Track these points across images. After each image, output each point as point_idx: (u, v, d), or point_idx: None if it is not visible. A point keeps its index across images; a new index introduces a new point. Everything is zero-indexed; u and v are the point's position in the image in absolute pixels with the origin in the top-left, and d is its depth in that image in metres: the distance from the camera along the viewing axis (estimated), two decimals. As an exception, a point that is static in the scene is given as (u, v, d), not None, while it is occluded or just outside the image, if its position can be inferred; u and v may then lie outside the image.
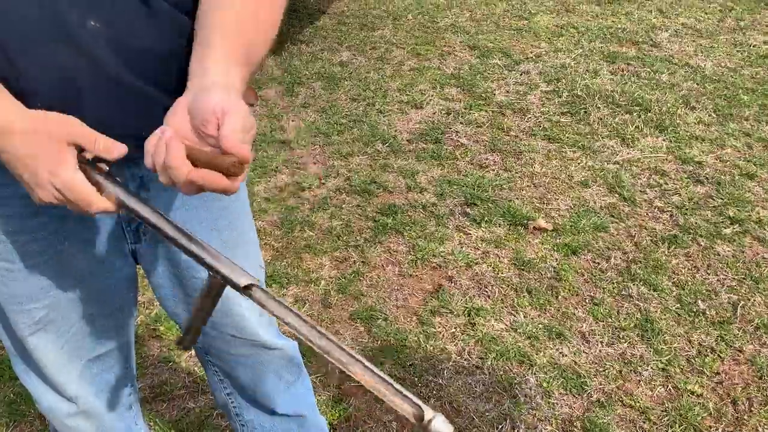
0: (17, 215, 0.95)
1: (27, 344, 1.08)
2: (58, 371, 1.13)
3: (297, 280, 2.30)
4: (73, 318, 1.08)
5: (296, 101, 3.47)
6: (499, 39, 4.01)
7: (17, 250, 0.98)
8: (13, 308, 1.04)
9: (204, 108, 0.74)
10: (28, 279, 1.01)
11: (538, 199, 2.65)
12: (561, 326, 2.09)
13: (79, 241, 1.01)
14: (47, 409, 1.19)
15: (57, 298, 1.04)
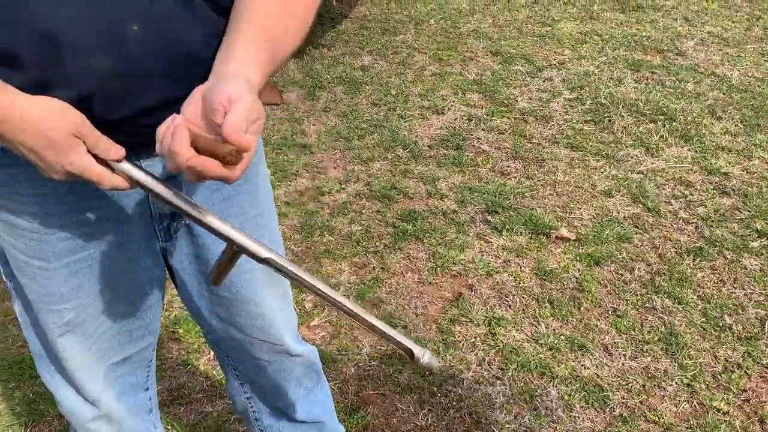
0: (54, 214, 0.95)
1: (55, 346, 1.08)
2: (84, 374, 1.12)
3: (316, 285, 2.28)
4: (101, 319, 1.08)
5: (317, 105, 3.46)
6: (522, 45, 3.98)
7: (52, 250, 0.98)
8: (45, 308, 1.04)
9: (215, 97, 0.75)
10: (62, 278, 1.01)
11: (561, 208, 2.61)
12: (583, 338, 2.05)
13: (113, 242, 1.01)
14: (69, 412, 1.19)
15: (87, 299, 1.04)
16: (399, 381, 1.94)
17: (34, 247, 0.98)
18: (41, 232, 0.96)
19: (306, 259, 2.40)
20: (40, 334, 1.11)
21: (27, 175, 0.92)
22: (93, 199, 0.96)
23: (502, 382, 1.93)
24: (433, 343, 2.05)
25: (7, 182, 0.93)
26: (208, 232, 0.85)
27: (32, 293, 1.03)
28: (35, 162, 0.81)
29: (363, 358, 2.02)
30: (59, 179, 0.82)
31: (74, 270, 1.01)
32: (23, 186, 0.93)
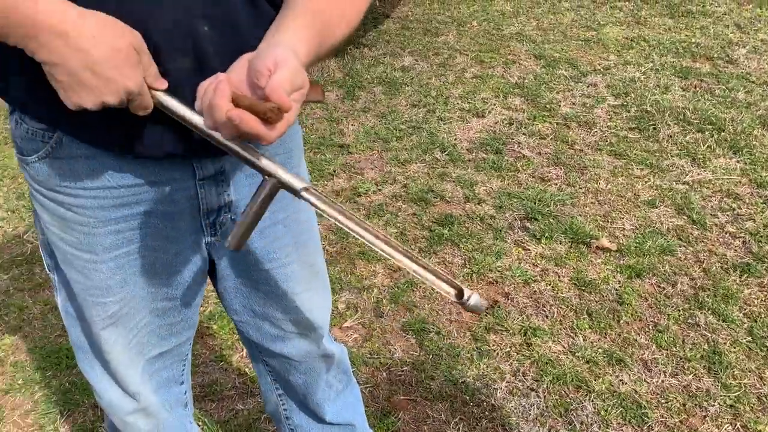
0: (104, 207, 0.96)
1: (98, 338, 1.09)
2: (124, 367, 1.13)
3: (350, 286, 2.27)
4: (143, 313, 1.08)
5: (356, 105, 3.45)
6: (566, 49, 3.91)
7: (102, 243, 0.99)
8: (90, 300, 1.04)
9: (261, 61, 0.76)
10: (109, 272, 1.01)
11: (602, 217, 2.55)
12: (622, 352, 2.00)
13: (161, 236, 1.01)
14: (108, 404, 1.19)
15: (131, 293, 1.05)
16: (431, 388, 1.91)
17: (83, 240, 0.99)
18: (91, 225, 0.97)
19: (340, 260, 2.39)
20: (83, 326, 1.12)
21: (80, 168, 0.93)
22: (145, 193, 0.97)
23: (537, 394, 1.89)
24: (466, 351, 2.02)
25: (60, 176, 0.94)
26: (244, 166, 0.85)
27: (78, 285, 1.04)
28: (85, 81, 0.76)
29: (395, 363, 2.00)
30: (110, 101, 0.78)
31: (121, 264, 1.01)
32: (77, 180, 0.94)
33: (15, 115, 0.95)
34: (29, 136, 0.93)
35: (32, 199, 1.02)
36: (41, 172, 0.95)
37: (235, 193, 1.04)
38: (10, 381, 1.97)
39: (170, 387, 1.24)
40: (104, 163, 0.93)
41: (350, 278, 2.30)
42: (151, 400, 1.19)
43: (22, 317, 2.19)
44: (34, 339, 2.10)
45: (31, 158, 0.95)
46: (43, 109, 0.90)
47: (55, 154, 0.93)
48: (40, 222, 1.04)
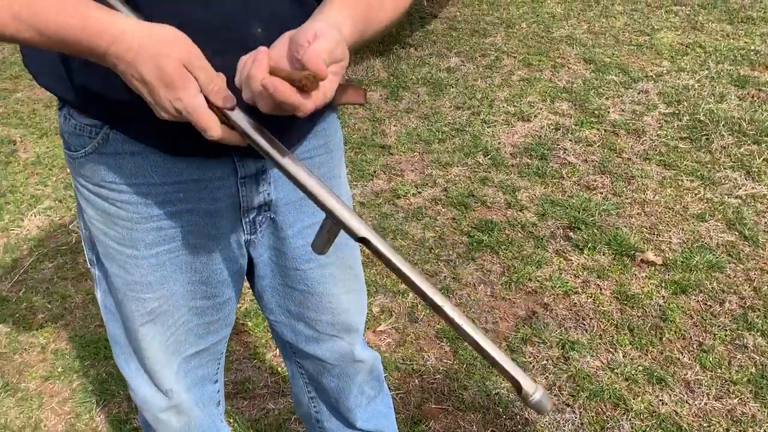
0: (148, 204, 0.97)
1: (136, 334, 1.09)
2: (160, 365, 1.13)
3: (385, 290, 2.25)
4: (182, 311, 1.09)
5: (399, 106, 3.43)
6: (618, 54, 3.81)
7: (144, 239, 0.99)
8: (131, 295, 1.05)
9: (301, 34, 0.75)
10: (150, 268, 1.02)
11: (648, 229, 2.47)
12: (663, 371, 1.93)
13: (202, 234, 1.02)
14: (142, 400, 1.20)
15: (171, 290, 1.05)
16: (463, 398, 1.88)
17: (125, 236, 1.00)
18: (134, 221, 0.98)
19: (377, 262, 2.37)
20: (121, 321, 1.13)
21: (126, 165, 0.94)
22: (188, 191, 0.97)
23: (572, 409, 1.84)
24: (501, 361, 1.97)
25: (106, 171, 0.95)
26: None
27: (119, 280, 1.05)
28: (147, 97, 0.78)
29: (428, 370, 1.97)
30: (168, 118, 0.79)
31: (162, 261, 1.02)
32: (122, 175, 0.95)
33: (64, 110, 0.96)
34: (77, 131, 0.94)
35: (77, 193, 1.03)
36: (87, 168, 0.96)
37: (275, 192, 1.04)
38: (50, 368, 2.02)
39: (204, 385, 1.24)
40: (149, 159, 0.94)
41: (386, 281, 2.28)
42: (184, 398, 1.20)
43: (64, 306, 2.24)
44: (75, 328, 2.14)
45: (78, 153, 0.96)
46: (92, 104, 0.91)
47: (101, 150, 0.94)
48: (83, 216, 1.05)
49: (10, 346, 2.08)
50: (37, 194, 2.80)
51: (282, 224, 1.07)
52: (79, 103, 0.92)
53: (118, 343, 1.16)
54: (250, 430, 1.83)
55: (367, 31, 0.87)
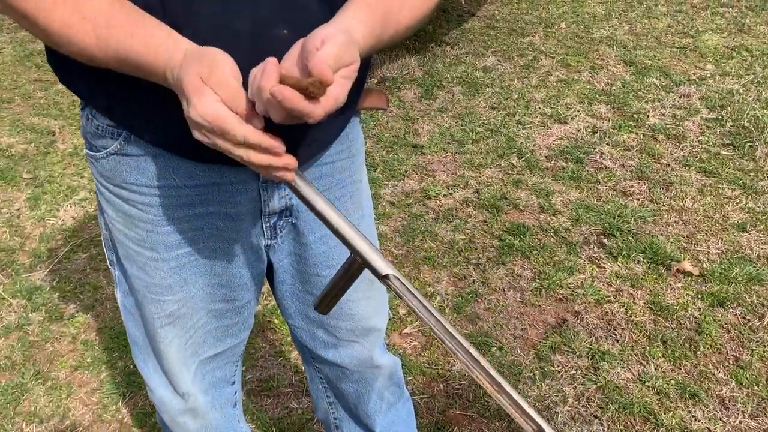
0: (168, 206, 0.96)
1: (154, 336, 1.09)
2: (177, 367, 1.13)
3: (413, 292, 2.23)
4: (201, 314, 1.08)
5: (433, 105, 3.40)
6: (659, 56, 3.71)
7: (164, 241, 0.99)
8: (150, 297, 1.05)
9: (310, 41, 0.73)
10: (170, 270, 1.02)
11: (686, 238, 2.40)
12: (697, 386, 1.87)
13: (222, 238, 1.01)
14: (159, 401, 1.20)
15: (190, 293, 1.05)
16: (489, 405, 1.85)
17: (146, 238, 0.99)
18: (155, 223, 0.98)
19: (405, 264, 2.35)
20: (140, 322, 1.13)
21: (147, 167, 0.93)
22: (209, 194, 0.96)
23: (600, 422, 1.80)
24: (529, 370, 1.94)
25: (127, 173, 0.95)
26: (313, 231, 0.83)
27: (138, 282, 1.05)
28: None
29: (453, 375, 1.94)
30: (199, 139, 0.76)
31: (182, 263, 1.01)
32: (143, 177, 0.94)
33: (86, 111, 0.96)
34: (99, 132, 0.94)
35: (98, 194, 1.03)
36: (108, 168, 0.96)
37: (296, 198, 1.02)
38: (80, 358, 2.04)
39: (222, 387, 1.24)
40: (171, 162, 0.93)
41: (414, 283, 2.26)
42: (201, 400, 1.19)
43: (95, 297, 2.27)
44: (105, 319, 2.17)
45: (99, 154, 0.96)
46: (113, 107, 0.90)
47: (123, 151, 0.93)
48: (104, 217, 1.05)
49: (42, 334, 2.12)
50: (73, 185, 2.85)
51: (303, 230, 1.06)
52: (102, 106, 0.91)
53: (136, 344, 1.16)
54: (273, 428, 1.83)
55: (385, 33, 0.84)
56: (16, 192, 2.81)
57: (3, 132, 3.27)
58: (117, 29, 0.76)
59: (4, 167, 2.97)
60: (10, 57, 4.13)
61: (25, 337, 2.11)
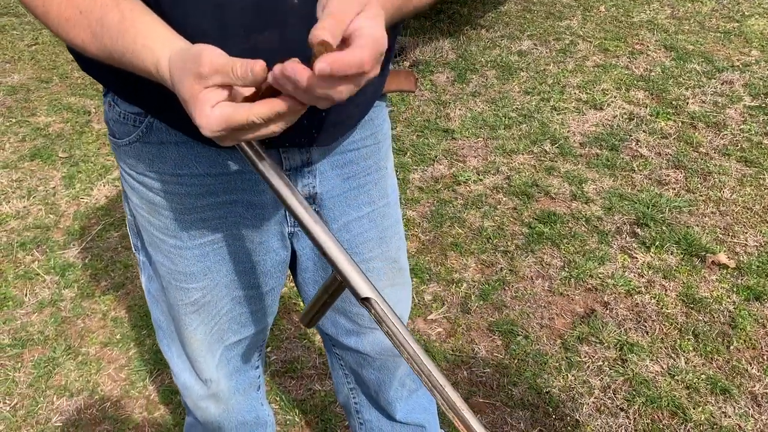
0: (191, 194, 0.96)
1: (179, 323, 1.10)
2: (201, 353, 1.14)
3: (438, 278, 2.21)
4: (225, 301, 1.08)
5: (466, 89, 3.35)
6: (702, 41, 3.59)
7: (187, 229, 0.99)
8: (175, 284, 1.05)
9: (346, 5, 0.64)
10: (194, 258, 1.02)
11: (723, 229, 2.33)
12: (728, 381, 1.82)
13: (246, 225, 1.01)
14: (183, 385, 1.21)
15: (214, 281, 1.05)
16: (512, 394, 1.83)
17: (169, 226, 0.99)
18: (178, 211, 0.97)
19: (432, 250, 2.33)
20: (164, 308, 1.14)
21: (170, 154, 0.93)
22: (231, 182, 0.95)
23: (627, 414, 1.76)
24: (555, 359, 1.91)
25: (150, 160, 0.94)
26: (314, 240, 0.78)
27: (163, 269, 1.05)
28: None
29: (477, 363, 1.93)
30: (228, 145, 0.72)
31: (206, 252, 1.01)
32: (166, 165, 0.94)
33: (108, 97, 0.95)
34: (121, 119, 0.94)
35: (122, 180, 1.03)
36: (132, 156, 0.96)
37: (320, 186, 1.01)
38: (110, 335, 2.08)
39: (246, 371, 1.25)
40: (193, 150, 0.92)
41: (440, 269, 2.24)
42: (224, 386, 1.20)
43: (125, 275, 2.30)
44: (134, 298, 2.20)
45: (122, 141, 0.95)
46: (136, 93, 0.90)
47: (145, 139, 0.93)
48: (129, 203, 1.05)
49: (74, 311, 2.16)
50: (107, 165, 2.89)
51: (326, 218, 1.05)
52: (123, 91, 0.91)
53: (161, 328, 1.17)
54: (296, 409, 1.84)
55: (403, 7, 0.79)
56: (52, 170, 2.86)
57: (41, 111, 3.33)
58: (108, 28, 0.73)
59: (42, 146, 3.02)
60: (50, 37, 4.20)
61: (57, 312, 2.16)
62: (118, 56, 0.74)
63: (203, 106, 0.66)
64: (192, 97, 0.67)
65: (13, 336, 2.07)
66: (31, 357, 2.00)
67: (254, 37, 0.78)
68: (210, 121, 0.66)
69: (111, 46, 0.74)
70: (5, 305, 2.18)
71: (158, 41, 0.72)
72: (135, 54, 0.73)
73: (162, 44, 0.72)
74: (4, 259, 2.38)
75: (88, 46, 0.76)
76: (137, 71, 0.75)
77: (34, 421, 1.82)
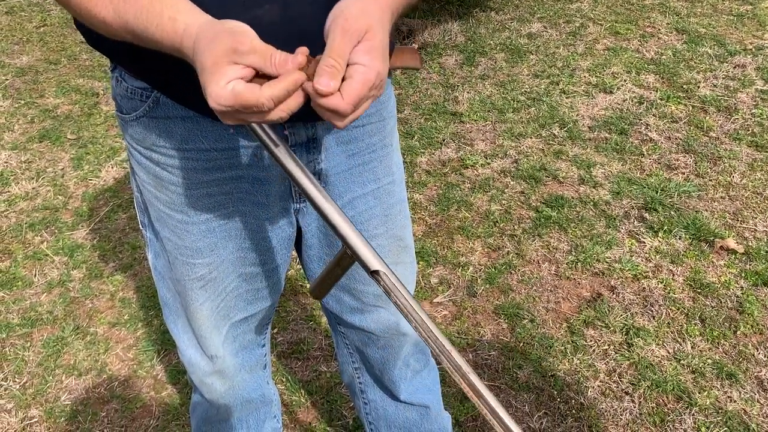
0: (197, 169, 0.96)
1: (185, 299, 1.11)
2: (207, 329, 1.14)
3: (445, 261, 2.21)
4: (231, 278, 1.09)
5: (475, 72, 3.32)
6: (714, 24, 3.55)
7: (194, 204, 0.99)
8: (181, 259, 1.06)
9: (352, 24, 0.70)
10: (200, 234, 1.02)
11: (732, 214, 2.31)
12: (734, 366, 1.82)
13: (251, 202, 1.01)
14: (188, 362, 1.22)
15: (220, 257, 1.05)
16: (517, 377, 1.84)
17: (176, 201, 1.00)
18: (184, 186, 0.98)
19: (439, 233, 2.33)
20: (171, 284, 1.14)
21: (176, 129, 0.93)
22: (237, 157, 0.96)
23: (632, 398, 1.76)
24: (560, 343, 1.91)
25: (157, 135, 0.95)
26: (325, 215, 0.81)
27: (170, 244, 1.06)
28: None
29: (483, 346, 1.93)
30: (230, 123, 0.73)
31: (212, 227, 1.02)
32: (172, 140, 0.94)
33: (116, 73, 0.96)
34: (128, 94, 0.94)
35: (129, 156, 1.04)
36: (138, 131, 0.96)
37: (326, 161, 1.01)
38: (118, 315, 2.10)
39: (252, 349, 1.25)
40: (199, 125, 0.92)
41: (446, 252, 2.24)
42: (230, 363, 1.21)
43: (134, 256, 2.32)
44: (142, 278, 2.22)
45: (129, 116, 0.96)
46: (142, 68, 0.90)
47: (152, 114, 0.93)
48: (136, 179, 1.06)
49: (83, 291, 2.18)
50: (115, 146, 2.90)
51: (332, 194, 1.04)
52: (130, 65, 0.91)
53: (167, 305, 1.18)
54: (301, 390, 1.85)
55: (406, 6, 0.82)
56: (60, 152, 2.87)
57: (50, 93, 3.34)
58: (132, 4, 0.74)
59: (50, 127, 3.03)
60: (58, 19, 4.20)
61: (66, 293, 2.17)
62: (140, 31, 0.75)
63: (221, 78, 0.67)
64: (214, 65, 0.68)
65: (23, 316, 2.09)
66: (40, 336, 2.03)
67: (253, 10, 0.78)
68: (221, 93, 0.67)
69: (133, 21, 0.75)
70: (15, 285, 2.20)
71: (185, 13, 0.73)
72: (160, 26, 0.73)
73: (190, 15, 0.73)
74: (14, 239, 2.40)
75: (110, 22, 0.77)
76: (156, 45, 0.75)
77: (44, 400, 1.84)
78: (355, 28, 0.70)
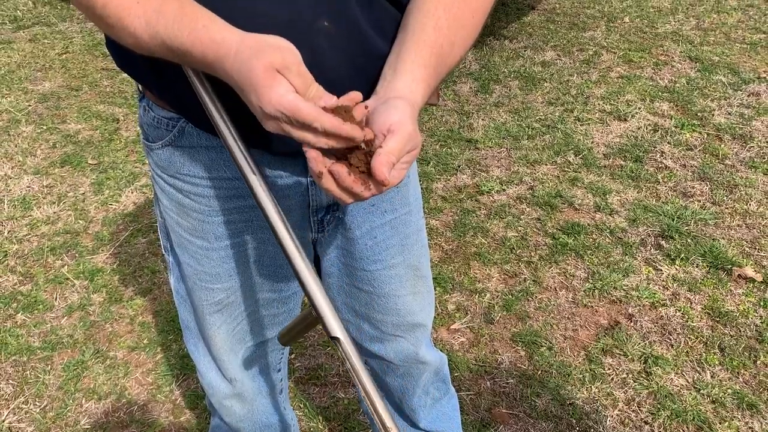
0: (219, 197, 0.99)
1: (204, 322, 1.13)
2: (225, 353, 1.16)
3: (462, 287, 2.22)
4: (248, 302, 1.11)
5: (489, 99, 3.36)
6: (728, 53, 3.57)
7: (214, 231, 1.02)
8: (200, 285, 1.08)
9: (380, 123, 0.75)
10: (219, 260, 1.04)
11: (749, 242, 2.31)
12: (755, 396, 1.80)
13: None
14: (208, 384, 1.24)
15: (238, 283, 1.07)
16: (536, 405, 1.83)
17: (197, 227, 1.02)
18: (206, 213, 1.00)
19: (455, 259, 2.34)
20: (191, 308, 1.16)
21: (200, 158, 0.96)
22: None
23: (651, 428, 1.75)
24: (579, 371, 1.91)
25: (181, 163, 0.97)
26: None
27: (189, 269, 1.08)
28: (251, 108, 0.76)
29: (501, 373, 1.93)
30: (272, 130, 0.74)
31: (231, 254, 1.04)
32: (196, 168, 0.97)
33: (144, 102, 0.99)
34: (155, 123, 0.97)
35: (153, 183, 1.06)
36: (163, 159, 0.99)
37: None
38: (137, 339, 2.12)
39: (268, 374, 1.27)
40: (223, 154, 0.95)
41: (463, 279, 2.25)
42: (248, 386, 1.22)
43: (153, 280, 2.34)
44: (161, 303, 2.24)
45: (155, 145, 0.99)
46: (168, 95, 0.93)
47: (177, 143, 0.96)
48: (159, 205, 1.09)
49: (102, 315, 2.20)
50: (135, 172, 2.94)
51: (350, 224, 1.06)
52: (157, 88, 0.93)
53: (188, 328, 1.20)
54: (319, 416, 1.86)
55: (438, 80, 0.86)
56: (81, 177, 2.92)
57: (71, 118, 3.40)
58: (166, 16, 0.76)
59: (72, 153, 3.09)
60: (80, 46, 4.29)
61: (86, 317, 2.20)
62: (170, 41, 0.76)
63: (279, 86, 0.70)
64: (267, 71, 0.70)
65: (44, 339, 2.11)
66: (60, 360, 2.04)
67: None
68: (282, 101, 0.70)
69: (164, 32, 0.76)
70: (36, 309, 2.23)
71: (221, 24, 0.76)
72: (193, 34, 0.75)
73: (226, 29, 0.75)
74: (35, 263, 2.43)
75: (140, 33, 0.77)
76: (185, 55, 0.77)
77: (63, 423, 1.85)
78: (405, 131, 0.75)
